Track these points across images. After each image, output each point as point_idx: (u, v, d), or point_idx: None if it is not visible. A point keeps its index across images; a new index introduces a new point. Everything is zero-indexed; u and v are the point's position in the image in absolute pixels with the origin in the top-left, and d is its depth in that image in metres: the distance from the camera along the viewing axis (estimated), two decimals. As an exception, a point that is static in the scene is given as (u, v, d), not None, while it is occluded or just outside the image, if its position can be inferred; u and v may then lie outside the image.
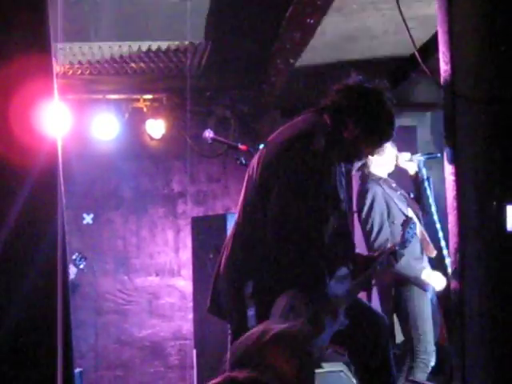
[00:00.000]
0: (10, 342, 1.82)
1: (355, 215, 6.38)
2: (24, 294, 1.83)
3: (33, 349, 1.84)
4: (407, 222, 3.28)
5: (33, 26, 1.86)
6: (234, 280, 2.96)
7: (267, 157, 2.96)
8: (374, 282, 3.40)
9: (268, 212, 2.85)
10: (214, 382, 1.85)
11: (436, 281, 4.52)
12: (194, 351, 5.84)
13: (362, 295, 5.91)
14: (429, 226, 4.59)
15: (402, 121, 6.75)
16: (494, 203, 2.34)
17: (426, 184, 4.54)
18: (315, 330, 2.80)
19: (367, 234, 4.74)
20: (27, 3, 1.87)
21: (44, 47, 1.87)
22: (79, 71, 5.76)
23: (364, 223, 4.78)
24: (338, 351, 5.81)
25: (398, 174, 5.09)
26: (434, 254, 4.63)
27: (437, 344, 5.38)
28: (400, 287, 4.57)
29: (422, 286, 4.53)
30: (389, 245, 3.89)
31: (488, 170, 2.41)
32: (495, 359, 2.38)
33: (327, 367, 4.58)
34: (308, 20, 4.52)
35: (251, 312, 2.83)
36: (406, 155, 4.78)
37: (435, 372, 4.96)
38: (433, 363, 4.69)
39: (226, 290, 3.01)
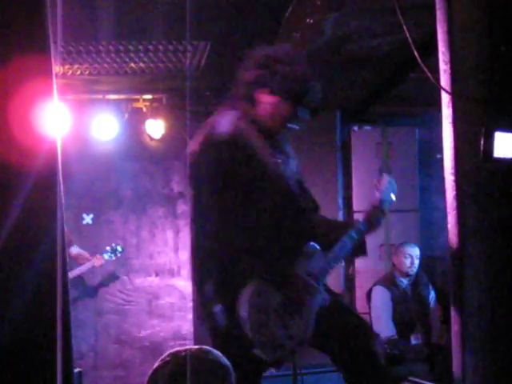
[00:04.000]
0: (10, 342, 1.82)
1: (356, 215, 6.40)
2: (24, 294, 1.83)
3: (32, 349, 1.84)
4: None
5: (32, 26, 1.85)
6: (196, 279, 2.97)
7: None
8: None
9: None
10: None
11: None
12: (194, 351, 5.83)
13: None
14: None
15: (401, 121, 6.79)
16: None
17: None
18: (293, 310, 2.80)
19: None
20: (27, 3, 1.87)
21: (43, 47, 1.87)
22: (79, 71, 5.75)
23: None
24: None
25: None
26: None
27: (437, 344, 5.39)
28: None
29: None
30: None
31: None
32: (495, 358, 2.38)
33: (327, 367, 4.58)
34: (308, 20, 4.51)
35: (217, 309, 2.81)
36: None
37: (435, 372, 4.97)
38: None
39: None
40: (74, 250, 6.10)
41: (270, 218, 2.83)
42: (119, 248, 6.23)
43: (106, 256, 6.18)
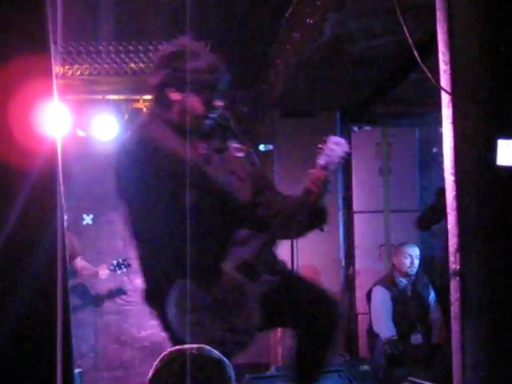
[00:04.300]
0: (10, 342, 1.82)
1: (356, 215, 6.40)
2: (24, 294, 1.83)
3: (32, 349, 1.84)
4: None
5: (32, 26, 1.85)
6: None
7: None
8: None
9: None
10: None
11: None
12: (194, 351, 5.83)
13: (354, 295, 5.94)
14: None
15: (401, 121, 6.79)
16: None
17: None
18: (230, 303, 2.81)
19: None
20: (27, 3, 1.87)
21: (43, 48, 1.87)
22: (79, 72, 5.75)
23: None
24: (338, 351, 5.82)
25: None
26: None
27: (437, 344, 5.39)
28: None
29: None
30: None
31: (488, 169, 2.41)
32: (495, 358, 2.38)
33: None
34: (308, 20, 4.51)
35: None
36: None
37: (435, 372, 4.96)
38: None
39: None
40: (80, 262, 6.08)
41: (192, 215, 2.80)
42: (125, 263, 6.14)
43: (111, 268, 6.12)
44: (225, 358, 1.96)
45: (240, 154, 3.02)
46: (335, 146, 3.03)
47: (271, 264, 2.97)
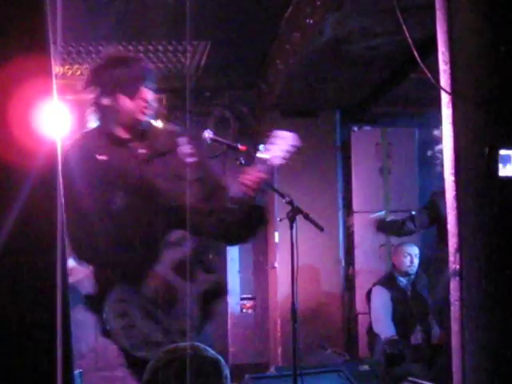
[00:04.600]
0: (9, 342, 1.82)
1: (355, 215, 6.40)
2: (23, 294, 1.83)
3: (32, 349, 1.84)
4: None
5: (32, 26, 1.85)
6: None
7: None
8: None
9: None
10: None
11: None
12: (194, 351, 5.82)
13: (350, 294, 5.93)
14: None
15: (401, 121, 6.79)
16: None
17: None
18: (164, 304, 2.85)
19: None
20: (27, 3, 1.87)
21: (43, 48, 1.87)
22: (79, 72, 5.75)
23: None
24: (338, 351, 5.83)
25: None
26: None
27: (437, 344, 5.39)
28: None
29: None
30: None
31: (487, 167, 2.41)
32: (495, 358, 2.38)
33: (327, 367, 4.58)
34: (307, 20, 4.52)
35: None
36: None
37: (435, 372, 4.97)
38: None
39: None
40: (71, 262, 6.07)
41: (124, 219, 2.86)
42: None
43: None
44: (220, 357, 1.96)
45: (190, 159, 3.03)
46: (280, 141, 3.01)
47: (208, 263, 3.02)
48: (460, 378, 2.47)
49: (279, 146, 2.98)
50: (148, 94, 3.00)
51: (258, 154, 2.96)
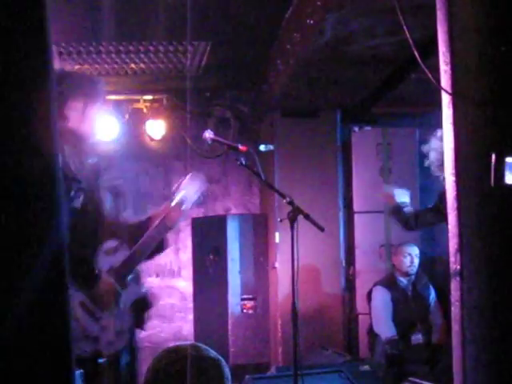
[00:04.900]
0: (10, 342, 1.82)
1: (355, 215, 6.40)
2: (23, 295, 1.83)
3: (32, 350, 1.84)
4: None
5: (32, 26, 1.86)
6: None
7: None
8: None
9: None
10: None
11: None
12: (195, 352, 5.83)
13: (351, 296, 5.93)
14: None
15: (401, 121, 6.79)
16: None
17: None
18: (102, 304, 3.03)
19: None
20: (27, 3, 1.87)
21: (44, 48, 1.87)
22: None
23: None
24: (338, 352, 5.83)
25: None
26: None
27: (437, 344, 5.39)
28: None
29: None
30: None
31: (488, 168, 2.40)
32: (495, 358, 2.38)
33: (328, 367, 4.58)
34: (308, 20, 4.51)
35: None
36: None
37: (435, 372, 4.96)
38: None
39: None
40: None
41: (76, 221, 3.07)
42: None
43: None
44: (220, 357, 1.96)
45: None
46: (193, 183, 3.24)
47: (137, 275, 3.25)
48: (461, 379, 2.47)
49: (192, 189, 3.25)
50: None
51: (173, 203, 3.28)
